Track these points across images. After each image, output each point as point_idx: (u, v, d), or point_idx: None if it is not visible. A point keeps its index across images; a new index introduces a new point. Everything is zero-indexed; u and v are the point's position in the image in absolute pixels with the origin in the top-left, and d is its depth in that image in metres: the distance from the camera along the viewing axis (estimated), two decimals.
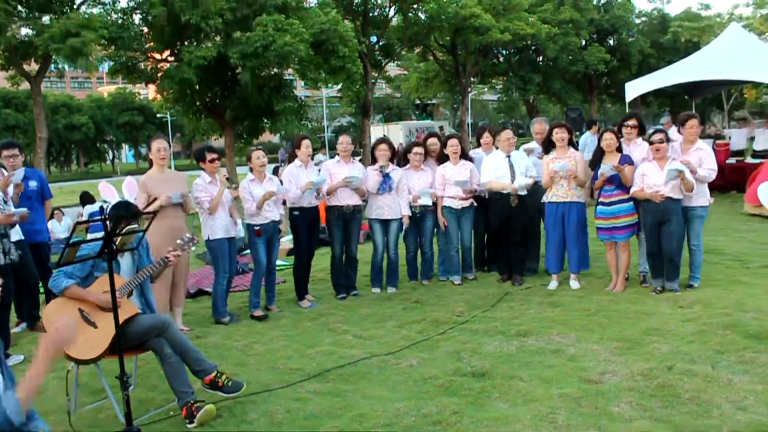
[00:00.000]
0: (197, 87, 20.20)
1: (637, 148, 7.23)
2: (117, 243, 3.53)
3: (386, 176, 7.67)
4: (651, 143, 6.86)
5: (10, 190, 6.47)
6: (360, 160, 12.86)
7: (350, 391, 4.82)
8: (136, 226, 3.94)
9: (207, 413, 4.30)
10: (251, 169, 7.14)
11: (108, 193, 4.73)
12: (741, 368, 4.78)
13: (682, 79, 15.85)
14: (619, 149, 7.20)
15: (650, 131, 7.29)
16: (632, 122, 7.40)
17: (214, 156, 6.88)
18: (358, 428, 4.17)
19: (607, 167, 6.95)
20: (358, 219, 7.79)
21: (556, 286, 7.53)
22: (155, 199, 5.37)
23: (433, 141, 8.44)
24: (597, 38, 37.40)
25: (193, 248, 4.96)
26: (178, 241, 4.81)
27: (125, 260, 4.70)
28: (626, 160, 7.06)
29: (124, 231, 3.73)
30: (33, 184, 7.03)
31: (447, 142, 8.03)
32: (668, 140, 6.93)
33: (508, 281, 7.90)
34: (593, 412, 4.20)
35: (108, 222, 3.40)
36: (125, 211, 4.39)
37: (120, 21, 19.27)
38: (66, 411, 4.40)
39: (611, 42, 38.35)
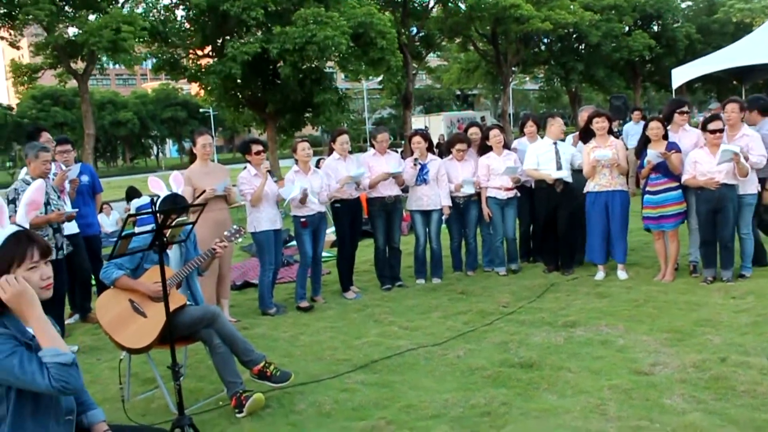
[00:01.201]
0: (239, 81, 20.40)
1: (687, 135, 7.07)
2: (167, 235, 3.58)
3: (422, 168, 7.65)
4: (711, 132, 6.68)
5: (67, 185, 6.64)
6: (401, 152, 12.85)
7: (398, 381, 4.82)
8: (185, 218, 3.99)
9: (256, 402, 4.35)
10: (296, 161, 7.18)
11: (156, 186, 4.81)
12: None
13: (732, 63, 15.38)
14: (665, 137, 7.06)
15: (702, 117, 7.13)
16: (686, 108, 7.26)
17: (260, 148, 6.93)
18: (407, 419, 4.16)
19: (653, 154, 6.81)
20: (399, 209, 7.80)
21: (603, 276, 7.42)
22: (203, 192, 5.46)
23: (474, 131, 8.40)
24: (641, 24, 36.65)
25: (240, 239, 5.01)
26: (226, 233, 4.87)
27: (173, 252, 4.78)
28: (673, 147, 6.91)
29: (173, 224, 3.78)
30: (85, 178, 7.21)
31: (489, 134, 7.96)
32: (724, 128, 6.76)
33: (555, 272, 7.82)
34: (644, 404, 4.13)
35: (158, 214, 3.45)
36: (174, 204, 4.46)
37: (162, 17, 19.57)
38: (120, 398, 4.49)
39: (655, 28, 37.55)
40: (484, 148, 8.02)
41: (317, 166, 7.99)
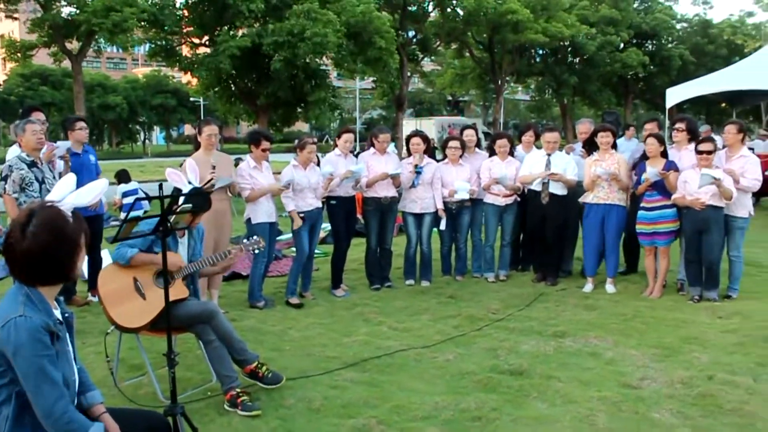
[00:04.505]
0: (233, 73, 20.28)
1: (689, 154, 7.09)
2: (171, 222, 3.56)
3: (417, 171, 7.65)
4: (699, 153, 6.73)
5: (61, 164, 6.56)
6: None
7: (387, 381, 4.83)
8: (189, 206, 3.96)
9: (251, 415, 4.26)
10: (296, 156, 7.13)
11: (175, 178, 4.71)
12: None
13: (726, 87, 15.59)
14: (664, 154, 7.11)
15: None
16: (680, 125, 7.31)
17: (268, 146, 6.88)
18: (397, 419, 4.17)
19: (652, 172, 6.85)
20: (394, 211, 7.79)
21: (592, 289, 7.47)
22: (208, 181, 5.41)
23: (469, 133, 8.39)
24: (636, 42, 36.92)
25: (257, 251, 4.99)
26: (245, 241, 4.87)
27: (182, 244, 4.73)
28: (671, 166, 6.96)
29: (178, 210, 3.76)
30: (92, 158, 7.17)
31: (497, 141, 7.98)
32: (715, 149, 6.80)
33: (543, 281, 7.86)
34: (633, 417, 4.17)
35: (165, 200, 3.42)
36: (202, 201, 4.37)
37: (160, 3, 19.38)
38: (107, 383, 4.44)
39: (650, 47, 37.87)
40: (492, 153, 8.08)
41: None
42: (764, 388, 4.58)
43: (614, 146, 7.38)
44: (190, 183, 4.60)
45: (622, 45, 35.35)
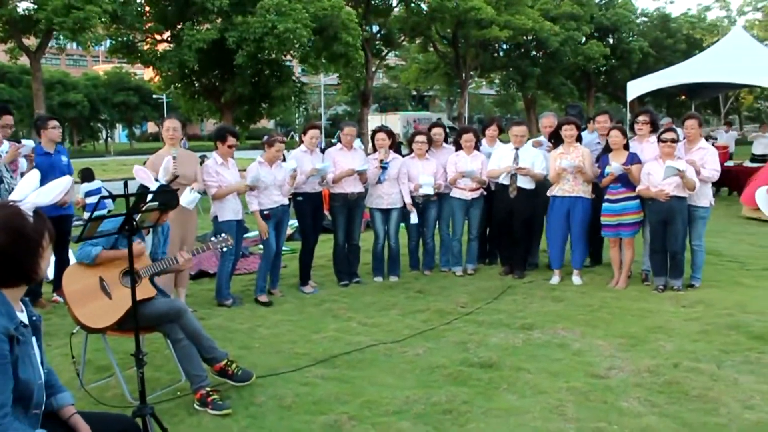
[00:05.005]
0: (196, 69, 20.06)
1: (650, 147, 7.22)
2: (137, 220, 3.51)
3: (383, 167, 7.66)
4: (662, 141, 6.85)
5: (24, 163, 6.42)
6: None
7: (358, 377, 4.83)
8: (155, 204, 3.91)
9: (221, 414, 4.23)
10: (263, 153, 7.10)
11: (143, 176, 4.60)
12: (746, 368, 4.82)
13: (685, 80, 15.87)
14: (626, 147, 7.21)
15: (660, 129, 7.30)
16: (643, 117, 7.42)
17: (234, 142, 6.82)
18: (368, 414, 4.17)
19: (617, 167, 6.95)
20: (361, 206, 7.79)
21: (558, 281, 7.54)
22: (175, 178, 5.32)
23: (437, 131, 8.42)
24: (597, 36, 37.37)
25: (225, 249, 4.94)
26: (213, 239, 4.84)
27: (148, 241, 4.67)
28: (634, 158, 7.07)
29: (144, 208, 3.70)
30: (63, 159, 7.01)
31: (463, 136, 8.01)
32: (678, 139, 6.93)
33: (510, 274, 7.91)
34: (602, 407, 4.23)
35: (130, 198, 3.37)
36: (169, 199, 4.27)
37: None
38: (75, 386, 4.36)
39: (611, 40, 38.35)
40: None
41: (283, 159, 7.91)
42: (727, 375, 4.68)
43: (579, 139, 7.46)
44: (157, 180, 4.54)
45: (584, 39, 35.73)
